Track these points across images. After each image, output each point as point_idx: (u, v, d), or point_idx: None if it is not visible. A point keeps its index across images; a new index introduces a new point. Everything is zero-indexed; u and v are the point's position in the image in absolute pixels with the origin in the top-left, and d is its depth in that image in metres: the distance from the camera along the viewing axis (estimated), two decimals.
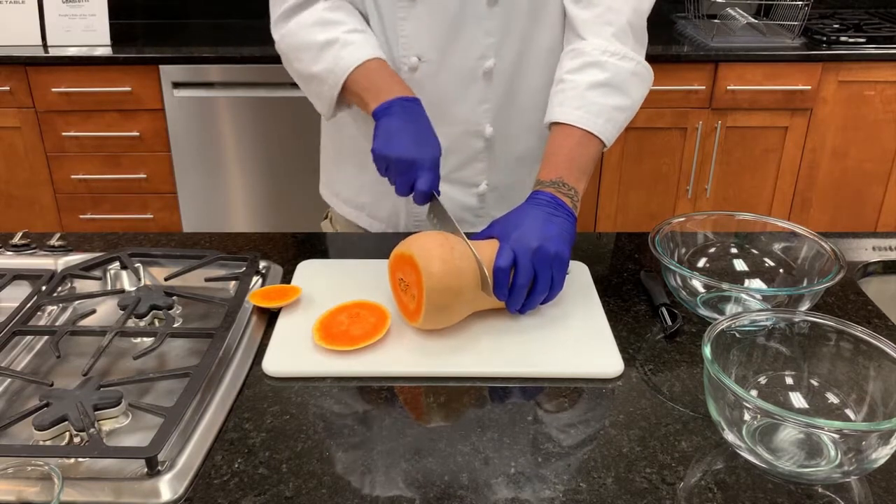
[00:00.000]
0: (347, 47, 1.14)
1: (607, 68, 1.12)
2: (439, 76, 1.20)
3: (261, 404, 0.88)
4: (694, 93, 2.53)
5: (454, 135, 1.23)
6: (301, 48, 1.17)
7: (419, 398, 0.89)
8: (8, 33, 2.54)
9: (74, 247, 1.18)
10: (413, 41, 1.17)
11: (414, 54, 1.18)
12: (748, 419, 0.80)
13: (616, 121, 1.13)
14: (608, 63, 1.12)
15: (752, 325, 0.89)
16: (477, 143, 1.25)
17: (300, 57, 1.18)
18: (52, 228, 2.64)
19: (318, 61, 1.15)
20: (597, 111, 1.10)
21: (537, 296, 0.99)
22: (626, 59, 1.13)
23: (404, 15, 1.16)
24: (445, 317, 0.97)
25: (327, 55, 1.14)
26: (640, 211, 2.72)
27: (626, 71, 1.13)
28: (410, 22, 1.16)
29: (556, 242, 0.98)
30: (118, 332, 0.97)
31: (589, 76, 1.12)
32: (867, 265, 1.20)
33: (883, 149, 2.65)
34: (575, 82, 1.12)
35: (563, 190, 1.05)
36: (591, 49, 1.13)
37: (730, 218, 1.14)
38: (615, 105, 1.12)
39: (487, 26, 1.16)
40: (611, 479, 0.78)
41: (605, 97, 1.11)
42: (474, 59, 1.19)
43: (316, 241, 1.26)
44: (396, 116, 1.07)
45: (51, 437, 0.80)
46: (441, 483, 0.77)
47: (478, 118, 1.23)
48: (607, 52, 1.12)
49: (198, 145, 2.58)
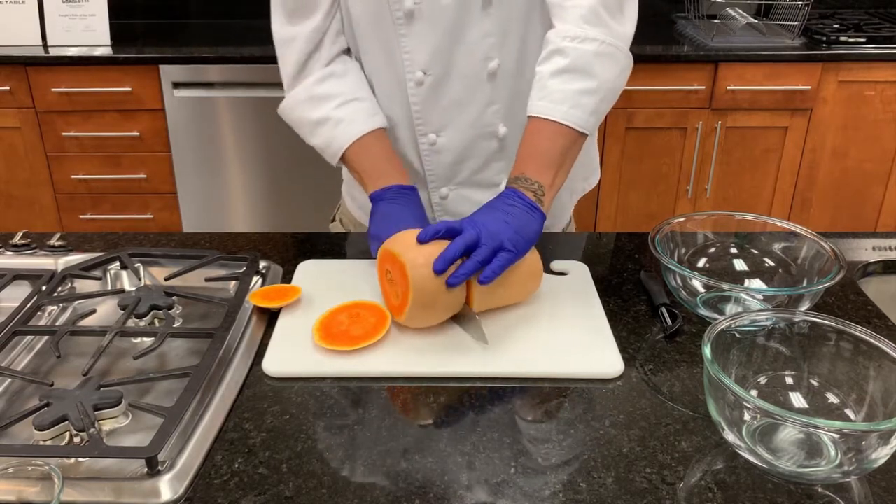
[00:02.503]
0: (339, 125, 1.19)
1: (568, 53, 1.08)
2: (446, 85, 1.20)
3: (261, 404, 0.88)
4: (694, 93, 2.53)
5: (469, 139, 1.24)
6: (298, 124, 1.25)
7: (419, 398, 0.89)
8: (8, 33, 2.54)
9: (74, 247, 1.18)
10: (416, 56, 1.17)
11: (419, 69, 1.18)
12: (748, 419, 0.80)
13: (583, 105, 1.08)
14: (568, 48, 1.09)
15: (752, 325, 0.89)
16: (492, 144, 1.25)
17: (299, 132, 1.26)
18: (52, 228, 2.64)
19: (313, 137, 1.23)
20: (560, 98, 1.08)
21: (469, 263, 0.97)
22: (587, 41, 1.09)
23: (404, 32, 1.16)
24: (430, 315, 0.98)
25: (321, 133, 1.21)
26: (640, 211, 2.72)
27: (588, 53, 1.09)
28: (411, 38, 1.16)
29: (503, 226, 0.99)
30: (118, 332, 0.97)
31: (552, 65, 1.09)
32: (867, 265, 1.20)
33: (883, 149, 2.65)
34: (540, 73, 1.11)
35: (525, 185, 1.05)
36: (554, 36, 1.11)
37: (730, 218, 1.14)
38: (579, 89, 1.08)
39: (485, 28, 1.16)
40: (611, 479, 0.78)
41: (567, 83, 1.08)
42: (478, 62, 1.18)
43: (316, 241, 1.26)
44: (392, 202, 1.15)
45: (51, 437, 0.80)
46: (441, 483, 0.77)
47: (489, 120, 1.23)
48: (567, 36, 1.09)
49: (198, 145, 2.58)
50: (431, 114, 1.21)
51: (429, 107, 1.21)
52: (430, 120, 1.22)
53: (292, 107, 1.24)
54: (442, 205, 1.30)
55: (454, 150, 1.24)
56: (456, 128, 1.22)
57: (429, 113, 1.21)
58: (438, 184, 1.28)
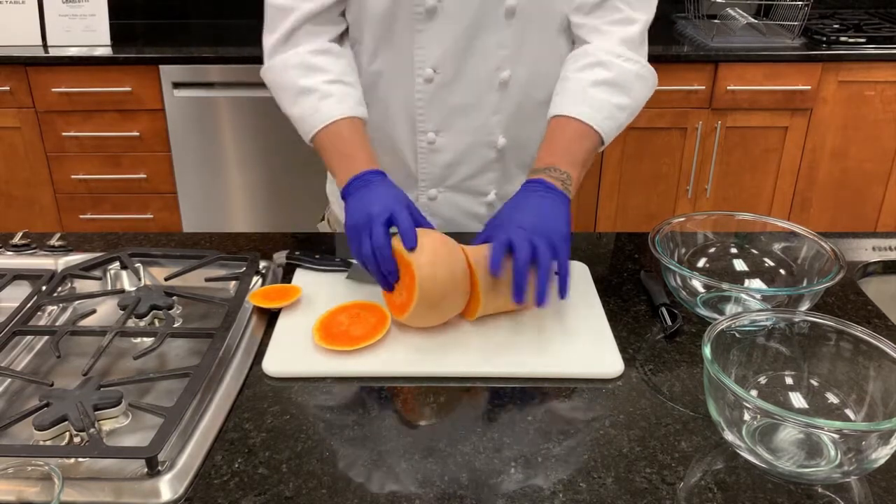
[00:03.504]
0: (326, 100, 1.14)
1: (612, 68, 1.13)
2: (454, 87, 1.19)
3: (261, 404, 0.88)
4: (694, 93, 2.53)
5: (467, 144, 1.24)
6: (281, 87, 1.19)
7: (419, 398, 0.89)
8: (8, 33, 2.53)
9: (74, 247, 1.18)
10: (429, 53, 1.17)
11: (430, 66, 1.18)
12: (748, 419, 0.80)
13: (617, 119, 1.14)
14: (613, 63, 1.13)
15: (752, 325, 0.89)
16: (489, 153, 1.26)
17: (279, 96, 1.20)
18: (52, 228, 2.64)
19: (294, 105, 1.17)
20: (598, 107, 1.12)
21: (542, 272, 0.96)
22: (630, 60, 1.15)
23: (421, 28, 1.15)
24: (433, 315, 0.97)
25: (304, 102, 1.15)
26: (640, 211, 2.72)
27: (630, 72, 1.14)
28: (426, 34, 1.16)
29: (551, 218, 1.00)
30: (118, 332, 0.97)
31: (593, 74, 1.13)
32: (867, 265, 1.20)
33: (883, 149, 2.65)
34: (579, 79, 1.13)
35: (554, 175, 1.06)
36: (596, 50, 1.15)
37: (730, 218, 1.14)
38: (617, 103, 1.13)
39: (502, 38, 1.16)
40: (611, 479, 0.78)
41: (607, 94, 1.13)
42: (490, 71, 1.19)
43: (316, 241, 1.26)
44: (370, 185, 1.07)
45: (51, 437, 0.80)
46: (441, 483, 0.77)
47: (491, 128, 1.23)
48: (612, 52, 1.14)
49: (198, 145, 2.57)
50: (435, 113, 1.21)
51: (433, 106, 1.20)
52: (433, 119, 1.22)
53: (281, 69, 1.18)
54: (429, 206, 1.30)
55: (451, 153, 1.24)
56: (456, 130, 1.23)
57: (432, 112, 1.21)
58: (429, 184, 1.28)
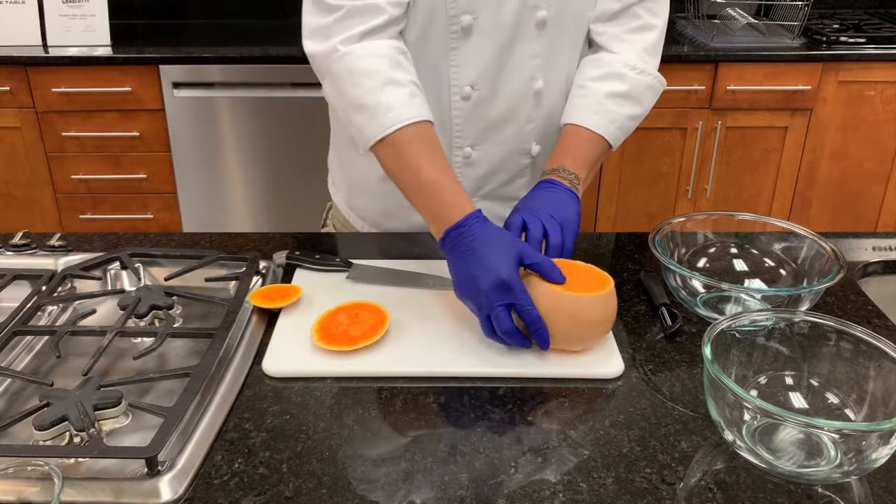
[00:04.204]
0: (415, 97, 1.06)
1: (627, 80, 1.19)
2: (492, 101, 1.20)
3: (261, 404, 0.88)
4: (694, 93, 2.53)
5: (504, 154, 1.25)
6: (364, 74, 1.05)
7: (419, 398, 0.89)
8: (8, 33, 2.53)
9: (74, 247, 1.18)
10: (465, 70, 1.17)
11: (467, 83, 1.18)
12: (748, 419, 0.80)
13: (626, 128, 1.21)
14: (628, 76, 1.19)
15: (752, 325, 0.89)
16: (523, 161, 1.27)
17: (360, 82, 1.06)
18: (52, 228, 2.64)
19: (380, 93, 1.04)
20: (611, 119, 1.18)
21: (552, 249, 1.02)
22: (644, 73, 1.21)
23: (456, 46, 1.15)
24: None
25: (393, 93, 1.04)
26: (640, 211, 2.72)
27: (643, 84, 1.21)
28: (462, 52, 1.15)
29: (561, 206, 1.06)
30: (118, 332, 0.97)
31: (609, 86, 1.18)
32: (867, 265, 1.20)
33: (883, 149, 2.65)
34: (595, 90, 1.19)
35: (563, 175, 1.11)
36: (614, 61, 1.20)
37: (730, 218, 1.14)
38: (629, 114, 1.20)
39: (534, 49, 1.17)
40: (611, 479, 0.78)
41: (621, 107, 1.19)
42: (524, 82, 1.19)
43: (316, 241, 1.26)
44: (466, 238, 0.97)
45: (51, 437, 0.80)
46: (441, 483, 0.77)
47: (525, 137, 1.24)
48: (628, 65, 1.19)
49: (198, 145, 2.57)
50: (472, 128, 1.22)
51: (471, 122, 1.21)
52: (470, 134, 1.22)
53: (363, 56, 1.06)
54: None
55: (487, 165, 1.25)
56: (493, 143, 1.23)
57: (470, 128, 1.21)
58: None
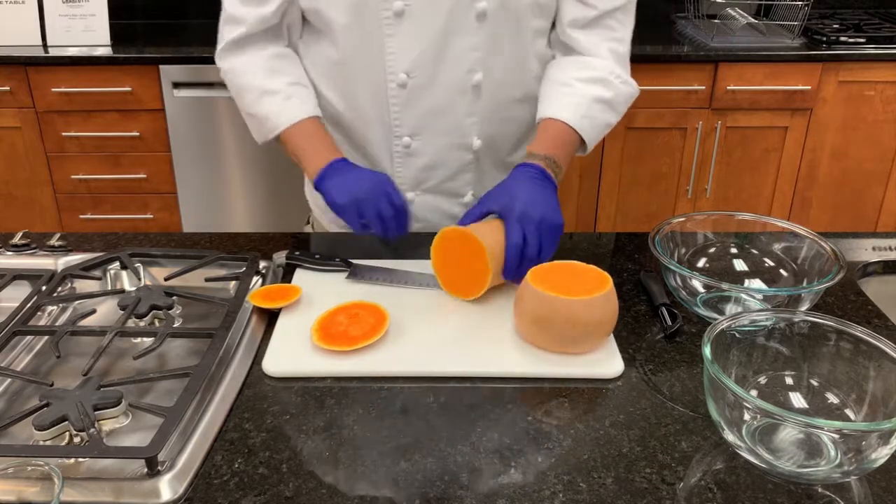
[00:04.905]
0: (290, 100, 1.22)
1: (612, 88, 1.21)
2: (428, 91, 1.20)
3: (261, 404, 0.88)
4: (694, 93, 2.53)
5: (443, 147, 1.25)
6: (244, 89, 1.25)
7: (419, 398, 0.89)
8: (8, 33, 2.53)
9: (74, 247, 1.18)
10: (400, 57, 1.18)
11: (402, 70, 1.18)
12: (748, 419, 0.80)
13: (602, 134, 1.24)
14: (613, 84, 1.22)
15: (752, 325, 0.89)
16: (465, 156, 1.27)
17: (242, 96, 1.26)
18: (52, 228, 2.64)
19: (258, 105, 1.24)
20: (595, 124, 1.21)
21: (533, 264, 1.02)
22: (626, 83, 1.24)
23: (391, 32, 1.16)
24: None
25: (268, 103, 1.22)
26: (640, 211, 2.72)
27: (625, 94, 1.24)
28: (397, 38, 1.17)
29: (555, 214, 1.06)
30: (118, 332, 0.97)
31: (596, 90, 1.20)
32: (867, 265, 1.20)
33: (883, 149, 2.65)
34: (584, 92, 1.20)
35: (553, 167, 1.14)
36: (601, 66, 1.22)
37: (730, 218, 1.14)
38: (608, 122, 1.23)
39: (474, 41, 1.18)
40: (611, 479, 0.78)
41: (604, 113, 1.21)
42: (462, 73, 1.20)
43: (316, 241, 1.26)
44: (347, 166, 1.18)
45: (51, 437, 0.80)
46: (441, 483, 0.77)
47: (466, 131, 1.24)
48: (613, 73, 1.22)
49: (198, 145, 2.57)
50: (409, 117, 1.22)
51: (408, 110, 1.22)
52: (407, 123, 1.23)
53: (243, 71, 1.25)
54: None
55: (427, 156, 1.26)
56: (431, 134, 1.24)
57: (407, 116, 1.22)
58: (406, 188, 1.29)
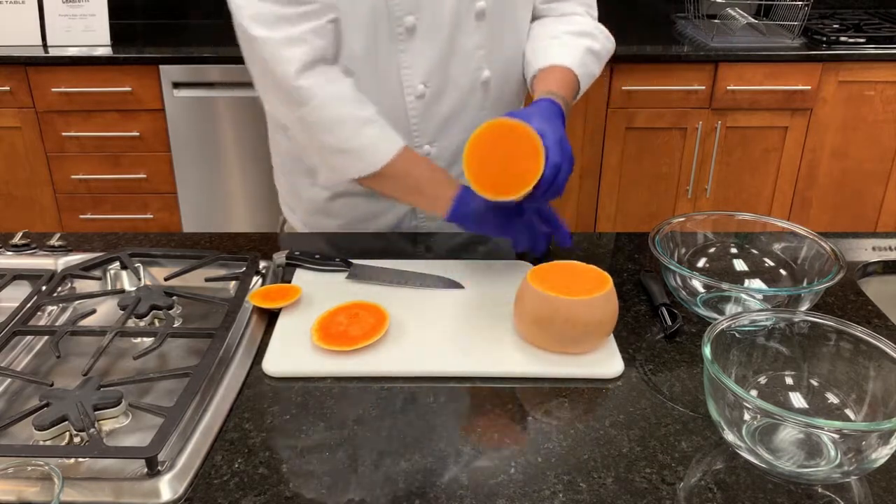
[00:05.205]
0: (385, 129, 1.14)
1: (598, 41, 1.27)
2: (443, 96, 1.22)
3: (261, 404, 0.88)
4: (694, 93, 2.53)
5: (458, 147, 1.25)
6: (341, 121, 1.12)
7: (419, 398, 0.89)
8: (8, 33, 2.53)
9: (74, 247, 1.18)
10: (416, 70, 1.19)
11: (419, 82, 1.19)
12: (748, 419, 0.80)
13: (590, 82, 1.27)
14: (599, 37, 1.28)
15: (752, 325, 0.89)
16: None
17: (333, 130, 1.13)
18: (52, 228, 2.64)
19: (359, 136, 1.12)
20: (588, 73, 1.25)
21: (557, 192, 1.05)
22: (608, 38, 1.30)
23: (403, 48, 1.17)
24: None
25: (368, 133, 1.12)
26: (640, 211, 2.72)
27: (607, 48, 1.30)
28: (409, 53, 1.17)
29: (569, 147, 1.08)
30: (118, 332, 0.97)
31: (586, 41, 1.25)
32: (867, 265, 1.20)
33: (883, 149, 2.65)
34: (576, 43, 1.24)
35: (566, 108, 1.16)
36: (584, 22, 1.28)
37: (730, 218, 1.14)
38: (594, 73, 1.27)
39: (476, 40, 1.20)
40: (611, 479, 0.78)
41: (593, 64, 1.27)
42: (472, 73, 1.22)
43: (316, 241, 1.26)
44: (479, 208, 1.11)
45: (51, 437, 0.80)
46: (441, 483, 0.77)
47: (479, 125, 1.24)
48: (598, 27, 1.29)
49: (198, 145, 2.57)
50: (428, 125, 1.24)
51: (426, 118, 1.23)
52: (427, 131, 1.24)
53: (340, 101, 1.12)
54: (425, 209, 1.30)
55: (445, 159, 1.27)
56: (450, 136, 1.26)
57: (426, 125, 1.23)
58: None
